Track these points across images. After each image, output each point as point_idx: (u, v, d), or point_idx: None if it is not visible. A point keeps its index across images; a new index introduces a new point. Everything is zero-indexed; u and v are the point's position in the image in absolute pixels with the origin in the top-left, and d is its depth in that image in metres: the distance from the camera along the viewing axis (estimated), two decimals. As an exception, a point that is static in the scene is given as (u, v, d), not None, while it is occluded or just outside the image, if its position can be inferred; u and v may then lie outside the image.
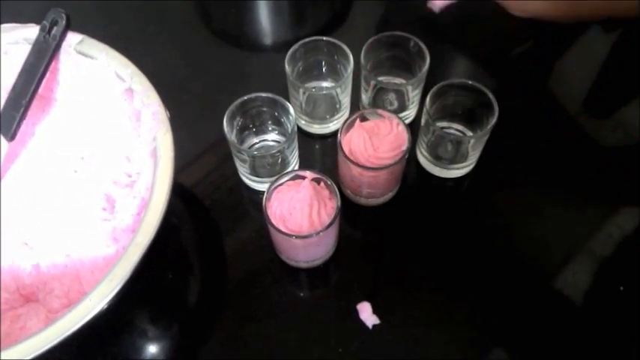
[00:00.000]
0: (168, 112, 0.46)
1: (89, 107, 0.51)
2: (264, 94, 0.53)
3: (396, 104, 0.59)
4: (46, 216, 0.49)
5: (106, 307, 0.39)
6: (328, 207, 0.47)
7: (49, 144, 0.52)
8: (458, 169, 0.56)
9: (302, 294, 0.53)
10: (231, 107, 0.52)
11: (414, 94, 0.57)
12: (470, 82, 0.53)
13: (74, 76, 0.51)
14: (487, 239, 0.54)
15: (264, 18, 0.71)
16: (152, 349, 0.51)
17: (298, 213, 0.46)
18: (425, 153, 0.56)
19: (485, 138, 0.53)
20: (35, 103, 0.49)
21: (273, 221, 0.46)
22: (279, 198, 0.47)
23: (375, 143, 0.50)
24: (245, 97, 0.52)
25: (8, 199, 0.50)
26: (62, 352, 0.50)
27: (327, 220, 0.46)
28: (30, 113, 0.49)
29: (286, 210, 0.47)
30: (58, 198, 0.50)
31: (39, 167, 0.51)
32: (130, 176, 0.50)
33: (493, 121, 0.51)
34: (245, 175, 0.55)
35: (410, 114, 0.59)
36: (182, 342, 0.50)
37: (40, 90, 0.49)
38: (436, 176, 0.57)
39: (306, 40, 0.56)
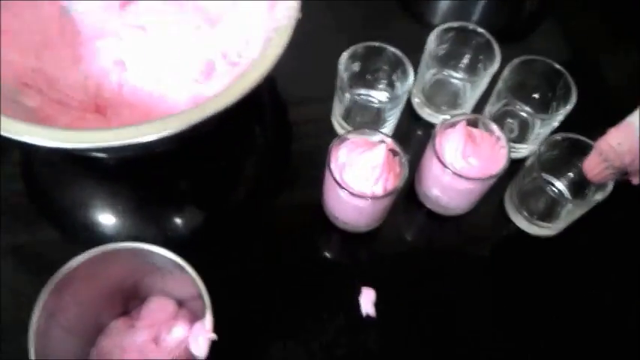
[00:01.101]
0: (299, 15, 0.46)
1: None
2: (392, 49, 0.51)
3: (516, 133, 0.54)
4: (152, 49, 0.51)
5: (148, 143, 0.39)
6: (390, 182, 0.45)
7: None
8: (542, 227, 0.51)
9: (322, 251, 0.51)
10: (354, 47, 0.50)
11: (537, 132, 0.52)
12: (591, 143, 0.47)
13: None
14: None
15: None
16: (157, 224, 0.52)
17: (359, 171, 0.44)
18: (513, 197, 0.52)
19: (585, 209, 0.48)
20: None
21: (333, 165, 0.45)
22: (350, 147, 0.46)
23: (468, 152, 0.46)
24: (374, 44, 0.51)
25: (130, 19, 0.52)
26: (93, 164, 0.53)
27: (380, 192, 0.44)
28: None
29: (352, 161, 0.45)
30: (171, 41, 0.52)
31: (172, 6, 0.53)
32: (239, 57, 0.51)
33: (601, 197, 0.46)
34: (336, 118, 0.54)
35: (523, 150, 0.54)
36: (187, 234, 0.52)
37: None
38: (513, 223, 0.52)
39: (462, 24, 0.53)
